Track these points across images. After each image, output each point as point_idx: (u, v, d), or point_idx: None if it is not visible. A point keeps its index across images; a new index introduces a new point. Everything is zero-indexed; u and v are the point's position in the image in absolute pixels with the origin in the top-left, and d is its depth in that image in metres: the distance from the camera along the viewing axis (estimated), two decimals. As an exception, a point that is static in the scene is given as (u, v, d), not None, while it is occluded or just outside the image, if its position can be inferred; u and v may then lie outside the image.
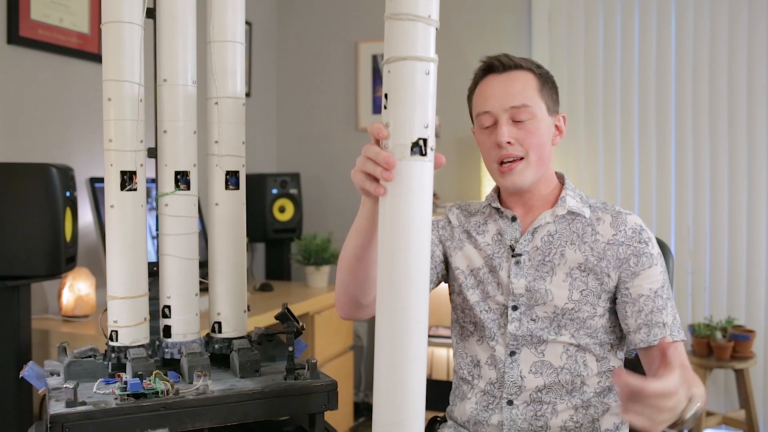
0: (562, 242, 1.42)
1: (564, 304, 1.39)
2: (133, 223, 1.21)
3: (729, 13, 3.16)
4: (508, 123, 1.38)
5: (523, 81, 1.39)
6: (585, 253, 1.40)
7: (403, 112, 0.96)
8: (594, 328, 1.40)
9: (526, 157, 1.38)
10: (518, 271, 1.42)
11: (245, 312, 1.32)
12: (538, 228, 1.43)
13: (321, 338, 3.01)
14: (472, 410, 1.45)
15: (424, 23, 0.96)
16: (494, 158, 1.40)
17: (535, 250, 1.42)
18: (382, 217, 1.00)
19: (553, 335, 1.39)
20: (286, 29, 3.97)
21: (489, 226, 1.49)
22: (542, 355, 1.40)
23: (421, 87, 0.96)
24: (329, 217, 3.86)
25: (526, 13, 3.48)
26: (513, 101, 1.37)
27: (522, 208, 1.47)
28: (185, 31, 1.25)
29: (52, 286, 2.45)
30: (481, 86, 1.43)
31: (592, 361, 1.41)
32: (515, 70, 1.40)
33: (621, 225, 1.41)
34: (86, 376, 1.17)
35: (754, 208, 3.15)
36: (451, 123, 3.55)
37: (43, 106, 2.48)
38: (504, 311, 1.42)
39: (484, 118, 1.41)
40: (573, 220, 1.43)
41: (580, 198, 1.47)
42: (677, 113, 3.25)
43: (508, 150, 1.38)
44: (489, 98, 1.40)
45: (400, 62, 0.96)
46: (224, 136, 1.27)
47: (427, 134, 0.97)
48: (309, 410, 1.18)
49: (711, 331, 2.98)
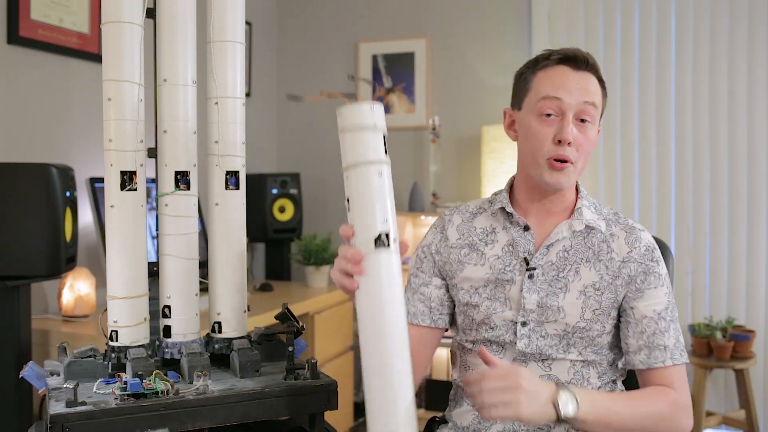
0: (577, 259, 1.38)
1: (576, 323, 1.35)
2: (133, 223, 1.21)
3: (729, 13, 3.16)
4: (573, 122, 1.34)
5: (594, 83, 1.38)
6: (600, 272, 1.37)
7: (364, 211, 1.10)
8: (601, 345, 1.38)
9: (576, 162, 1.35)
10: (531, 286, 1.37)
11: (245, 312, 1.31)
12: (554, 242, 1.39)
13: (321, 338, 3.01)
14: (473, 418, 1.42)
15: (372, 131, 1.08)
16: (547, 152, 1.34)
17: (549, 265, 1.38)
18: (359, 307, 1.11)
19: (561, 353, 1.36)
20: (286, 29, 3.97)
21: (499, 235, 1.43)
22: (549, 369, 1.37)
23: (377, 187, 1.09)
24: (329, 217, 3.86)
25: (526, 13, 3.48)
26: (586, 96, 1.34)
27: (539, 213, 1.42)
28: (185, 31, 1.24)
29: (52, 286, 2.45)
30: (552, 72, 1.37)
31: (595, 376, 1.38)
32: (591, 73, 1.38)
33: (636, 242, 1.38)
34: (86, 376, 1.17)
35: (754, 208, 3.15)
36: (451, 123, 3.55)
37: (43, 106, 2.48)
38: (512, 327, 1.38)
39: (550, 103, 1.34)
40: (588, 234, 1.39)
41: (595, 208, 1.43)
42: (677, 113, 3.25)
43: (566, 150, 1.33)
44: (563, 87, 1.34)
45: (355, 168, 1.09)
46: (224, 136, 1.27)
47: (388, 228, 1.09)
48: (309, 410, 1.18)
49: (711, 331, 2.98)
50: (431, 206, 3.49)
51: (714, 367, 2.96)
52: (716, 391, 3.21)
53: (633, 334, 1.36)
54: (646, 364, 1.35)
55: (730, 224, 3.19)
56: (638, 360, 1.36)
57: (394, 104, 3.72)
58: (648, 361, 1.35)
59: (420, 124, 3.66)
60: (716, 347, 2.94)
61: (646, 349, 1.35)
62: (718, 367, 2.97)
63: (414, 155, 3.70)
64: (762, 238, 3.14)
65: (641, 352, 1.36)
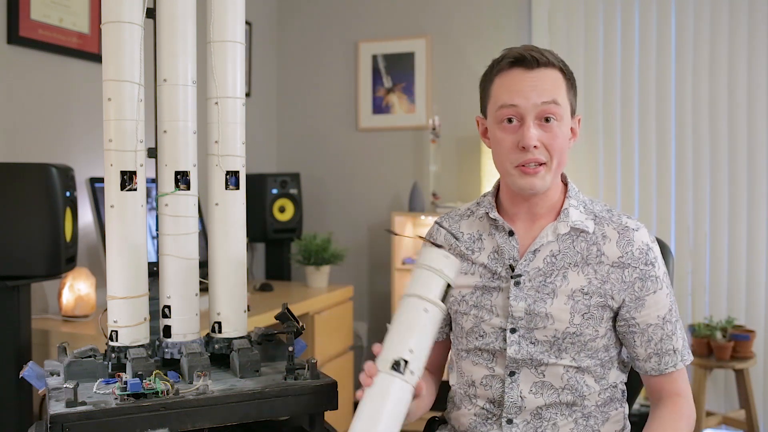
0: (565, 264, 1.34)
1: (565, 328, 1.32)
2: (133, 223, 1.21)
3: (729, 13, 3.16)
4: (535, 124, 1.29)
5: (552, 79, 1.30)
6: (588, 276, 1.33)
7: (396, 335, 1.12)
8: (595, 349, 1.34)
9: (549, 162, 1.30)
10: (518, 293, 1.33)
11: (245, 312, 1.32)
12: (540, 247, 1.35)
13: (321, 338, 3.01)
14: (471, 422, 1.41)
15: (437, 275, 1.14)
16: (514, 160, 1.30)
17: (536, 271, 1.34)
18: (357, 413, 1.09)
19: (553, 359, 1.33)
20: (286, 29, 3.97)
21: (485, 242, 1.40)
22: (543, 376, 1.34)
23: (418, 319, 1.12)
24: (329, 217, 3.86)
25: (526, 13, 3.48)
26: (544, 96, 1.28)
27: (525, 217, 1.38)
28: (185, 31, 1.25)
29: (52, 286, 2.45)
30: (506, 77, 1.32)
31: (592, 381, 1.36)
32: (547, 68, 1.30)
33: (628, 245, 1.33)
34: (86, 376, 1.17)
35: (754, 208, 3.15)
36: (451, 123, 3.55)
37: (43, 106, 2.48)
38: (501, 334, 1.35)
39: (507, 111, 1.30)
40: (577, 237, 1.35)
41: (584, 206, 1.38)
42: (677, 113, 3.25)
43: (534, 154, 1.28)
44: (518, 93, 1.29)
45: (408, 297, 1.14)
46: (224, 136, 1.27)
47: (410, 358, 1.09)
48: (309, 410, 1.18)
49: (711, 331, 2.98)
50: (431, 206, 3.49)
51: (714, 367, 2.96)
52: (716, 391, 3.21)
53: (641, 343, 1.35)
54: (657, 370, 1.35)
55: (730, 224, 3.19)
56: (649, 367, 1.35)
57: (394, 104, 3.72)
58: (659, 367, 1.35)
59: (420, 124, 3.66)
60: (716, 347, 2.94)
61: (656, 357, 1.34)
62: (718, 367, 2.97)
63: (414, 155, 3.70)
64: (762, 238, 3.14)
65: (651, 360, 1.35)
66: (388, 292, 3.57)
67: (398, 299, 3.38)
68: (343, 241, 3.73)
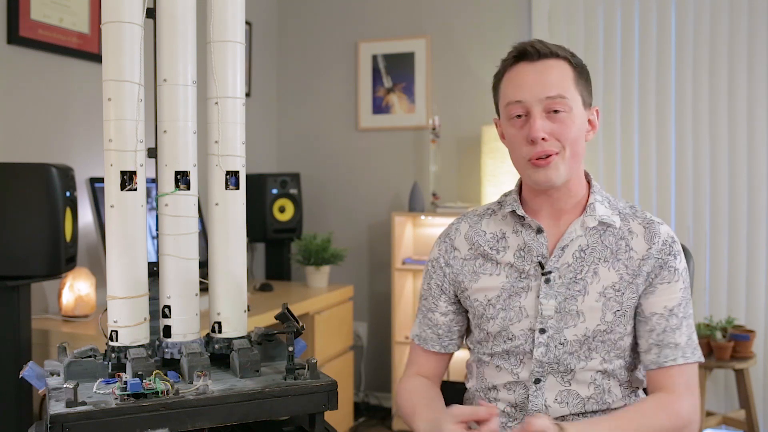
0: (595, 259, 1.32)
1: (596, 326, 1.30)
2: (133, 223, 1.21)
3: (729, 13, 3.16)
4: (542, 116, 1.28)
5: (558, 70, 1.29)
6: (620, 271, 1.31)
7: None
8: (623, 348, 1.33)
9: (562, 152, 1.28)
10: (548, 291, 1.31)
11: (245, 312, 1.31)
12: (569, 243, 1.33)
13: (321, 338, 3.01)
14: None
15: None
16: (526, 154, 1.30)
17: (566, 267, 1.32)
18: None
19: (582, 361, 1.31)
20: (286, 29, 3.97)
21: (510, 240, 1.38)
22: (569, 384, 1.32)
23: None
24: (329, 217, 3.86)
25: (526, 14, 3.48)
26: (548, 91, 1.27)
27: (549, 212, 1.36)
28: (185, 31, 1.24)
29: (52, 286, 2.45)
30: (512, 73, 1.32)
31: (616, 387, 1.34)
32: (551, 58, 1.29)
33: (655, 237, 1.33)
34: (86, 376, 1.17)
35: (754, 208, 3.15)
36: (452, 123, 3.55)
37: (43, 106, 2.48)
38: (530, 336, 1.32)
39: (514, 107, 1.30)
40: (605, 232, 1.34)
41: (609, 203, 1.37)
42: (677, 113, 3.25)
43: (543, 147, 1.27)
44: (522, 87, 1.29)
45: None
46: (224, 136, 1.27)
47: None
48: (309, 410, 1.18)
49: (711, 331, 2.98)
50: (431, 206, 3.49)
51: (714, 367, 2.96)
52: (716, 391, 3.21)
53: (643, 333, 1.32)
54: (656, 363, 1.31)
55: (730, 224, 3.19)
56: (649, 360, 1.32)
57: (394, 104, 3.72)
58: (658, 360, 1.30)
59: (420, 124, 3.66)
60: (716, 347, 2.94)
61: (656, 348, 1.30)
62: (718, 367, 2.97)
63: (414, 155, 3.70)
64: (762, 238, 3.14)
65: (651, 351, 1.31)
66: (388, 292, 3.57)
67: (398, 299, 3.39)
68: (343, 241, 3.73)
